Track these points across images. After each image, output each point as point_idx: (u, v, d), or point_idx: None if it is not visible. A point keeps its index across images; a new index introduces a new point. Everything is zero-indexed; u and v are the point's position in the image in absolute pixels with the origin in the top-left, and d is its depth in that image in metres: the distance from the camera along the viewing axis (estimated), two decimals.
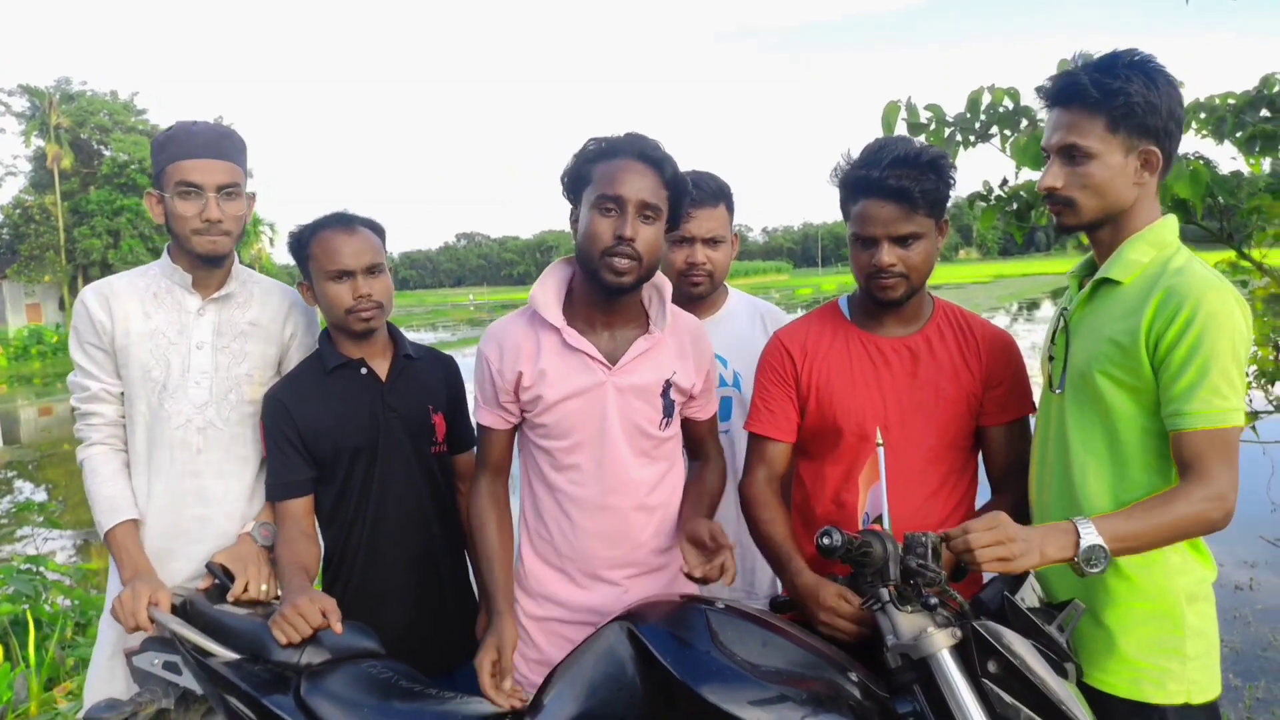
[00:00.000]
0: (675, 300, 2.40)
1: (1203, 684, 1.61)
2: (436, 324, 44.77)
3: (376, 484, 2.12)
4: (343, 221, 2.10)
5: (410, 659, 1.89)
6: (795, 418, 2.01)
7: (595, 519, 1.87)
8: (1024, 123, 3.35)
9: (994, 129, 3.42)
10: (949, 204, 1.90)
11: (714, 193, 2.34)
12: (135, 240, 39.83)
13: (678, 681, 1.38)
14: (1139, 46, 1.67)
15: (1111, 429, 1.64)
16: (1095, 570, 1.46)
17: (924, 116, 3.42)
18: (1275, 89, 2.95)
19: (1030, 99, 3.28)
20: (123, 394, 2.13)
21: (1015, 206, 3.62)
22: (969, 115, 3.42)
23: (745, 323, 2.47)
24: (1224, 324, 1.53)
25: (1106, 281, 1.68)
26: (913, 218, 1.81)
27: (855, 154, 1.92)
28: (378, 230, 2.15)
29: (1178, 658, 1.61)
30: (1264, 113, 3.00)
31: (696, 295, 2.37)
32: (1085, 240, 1.81)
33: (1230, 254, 3.40)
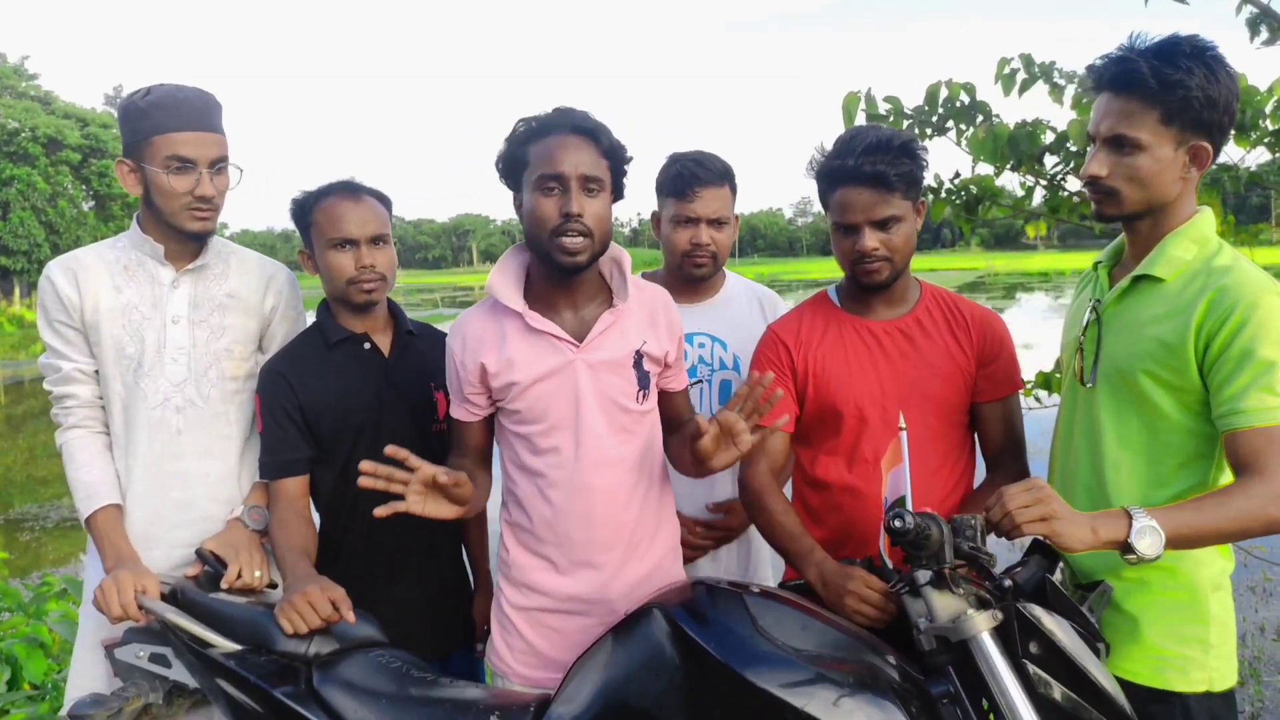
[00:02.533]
0: (676, 281, 2.36)
1: (1223, 672, 1.64)
2: None
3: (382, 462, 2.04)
4: (349, 189, 2.04)
5: (407, 643, 1.84)
6: (794, 408, 2.03)
7: (576, 501, 1.82)
8: (980, 118, 3.43)
9: (950, 123, 3.50)
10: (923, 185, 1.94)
11: (719, 173, 2.31)
12: (26, 213, 37.63)
13: (721, 665, 1.37)
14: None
15: (1151, 426, 1.64)
16: (1150, 555, 1.42)
17: (883, 108, 3.46)
18: None
19: (985, 94, 3.37)
20: (98, 373, 2.01)
21: (964, 199, 3.71)
22: (926, 108, 3.48)
23: (744, 306, 2.46)
24: (1276, 325, 1.53)
25: (1146, 278, 1.67)
26: (891, 201, 1.85)
27: (828, 146, 1.96)
28: (384, 200, 2.09)
29: (1201, 646, 1.63)
30: None
31: (699, 276, 2.35)
32: (984, 235, 1.82)
33: None
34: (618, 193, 1.85)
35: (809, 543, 1.87)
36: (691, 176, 2.28)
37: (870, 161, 1.82)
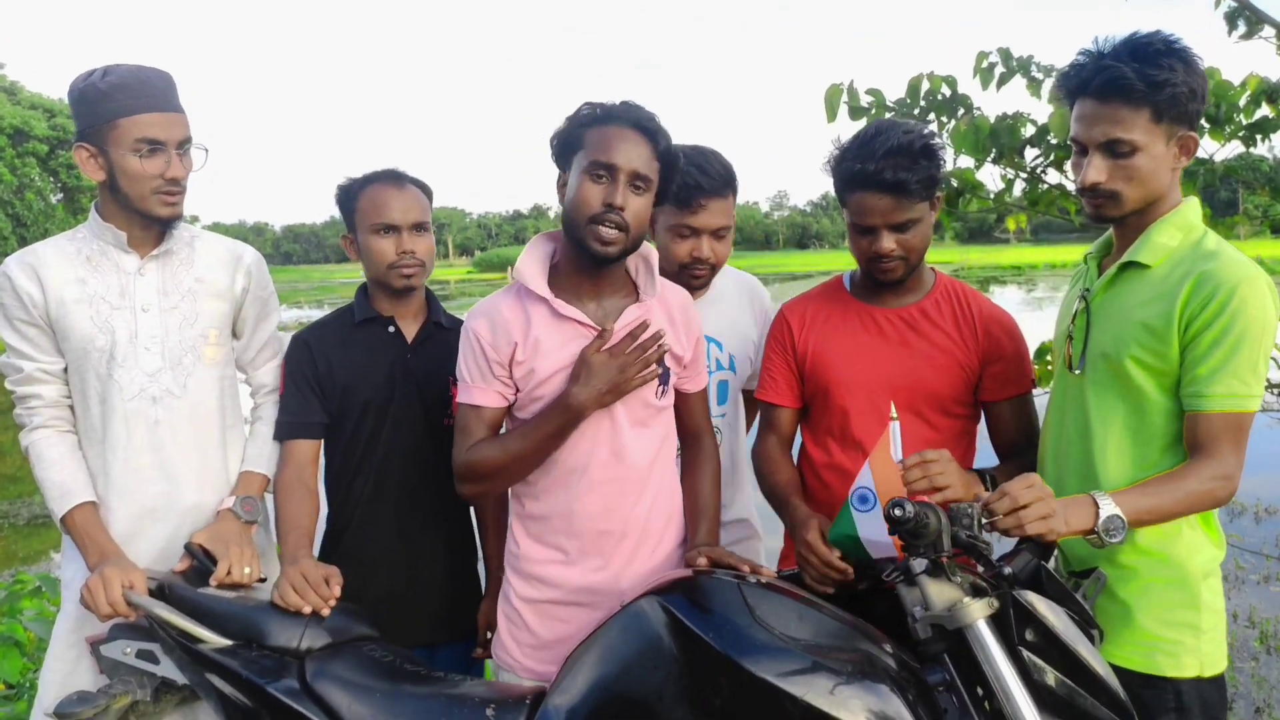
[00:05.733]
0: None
1: (1214, 657, 1.67)
2: (324, 301, 43.15)
3: (383, 443, 2.09)
4: (393, 177, 2.12)
5: (392, 629, 1.85)
6: (797, 384, 2.09)
7: (594, 491, 1.83)
8: (961, 110, 3.45)
9: (931, 115, 3.51)
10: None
11: (724, 180, 2.16)
12: None
13: (719, 655, 1.38)
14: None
15: (1136, 410, 1.68)
16: (1114, 540, 1.50)
17: (865, 101, 3.47)
18: None
19: (966, 87, 3.38)
20: (64, 370, 1.96)
21: (945, 192, 3.72)
22: (909, 101, 3.49)
23: (734, 303, 2.37)
24: (1256, 312, 1.57)
25: (1133, 264, 1.71)
26: (909, 206, 1.86)
27: (844, 140, 1.94)
28: (426, 190, 2.16)
29: (1192, 632, 1.66)
30: None
31: (695, 288, 2.21)
32: (958, 229, 1.86)
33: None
34: (663, 196, 1.86)
35: (787, 494, 1.95)
36: (695, 187, 2.10)
37: (891, 167, 1.81)
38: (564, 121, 1.81)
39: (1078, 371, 1.77)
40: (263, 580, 1.91)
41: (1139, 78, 1.58)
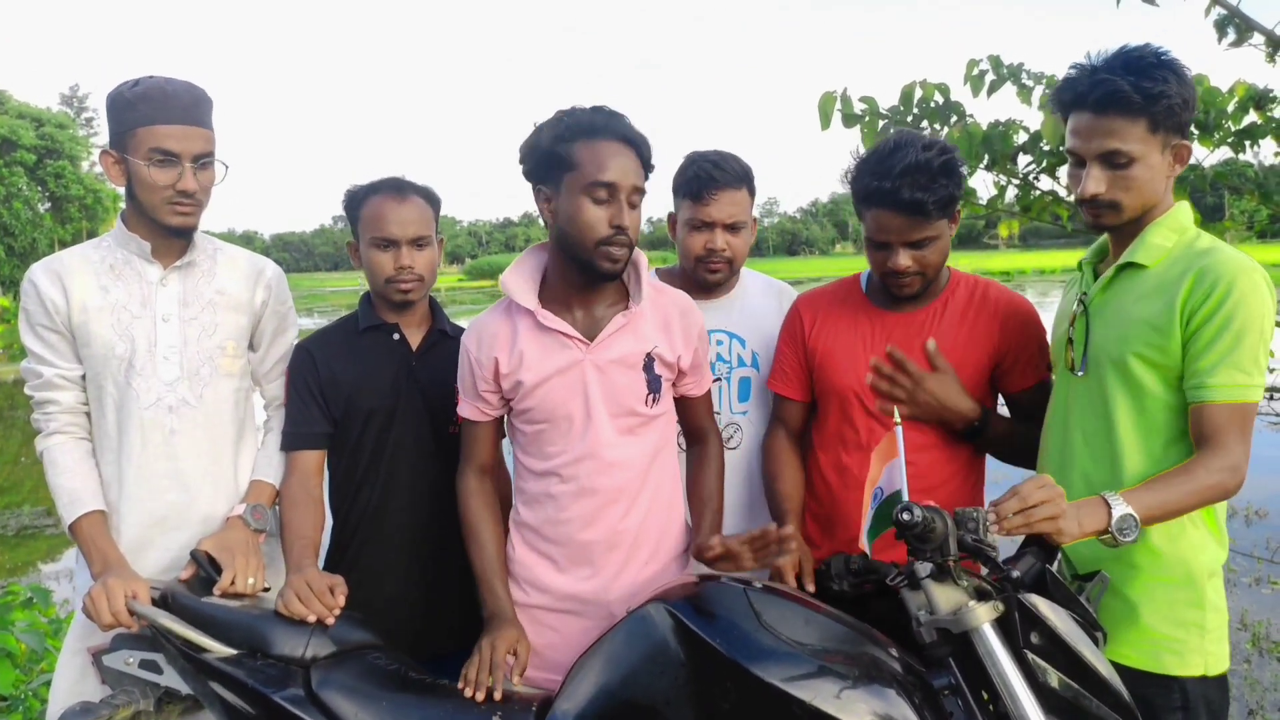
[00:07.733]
0: (689, 287, 2.27)
1: (1218, 656, 1.69)
2: (313, 309, 42.93)
3: (389, 452, 2.08)
4: (396, 188, 2.08)
5: (401, 639, 1.86)
6: (806, 378, 2.11)
7: (580, 501, 1.83)
8: (954, 118, 3.47)
9: (925, 123, 3.53)
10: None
11: (737, 175, 2.21)
12: None
13: (726, 660, 1.38)
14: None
15: (1140, 407, 1.70)
16: (1128, 539, 1.51)
17: (858, 108, 3.49)
18: None
19: (958, 94, 3.41)
20: (83, 377, 1.98)
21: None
22: (901, 108, 3.51)
23: (761, 301, 2.37)
24: (1254, 304, 1.60)
25: (1130, 265, 1.74)
26: (927, 225, 1.84)
27: (863, 152, 1.92)
28: (432, 200, 2.13)
29: (1198, 631, 1.67)
30: None
31: (713, 284, 2.28)
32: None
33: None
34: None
35: (782, 509, 1.97)
36: (708, 179, 2.17)
37: (909, 186, 1.78)
38: (540, 134, 1.78)
39: (1080, 374, 1.79)
40: (267, 590, 1.91)
41: (1135, 90, 1.61)
